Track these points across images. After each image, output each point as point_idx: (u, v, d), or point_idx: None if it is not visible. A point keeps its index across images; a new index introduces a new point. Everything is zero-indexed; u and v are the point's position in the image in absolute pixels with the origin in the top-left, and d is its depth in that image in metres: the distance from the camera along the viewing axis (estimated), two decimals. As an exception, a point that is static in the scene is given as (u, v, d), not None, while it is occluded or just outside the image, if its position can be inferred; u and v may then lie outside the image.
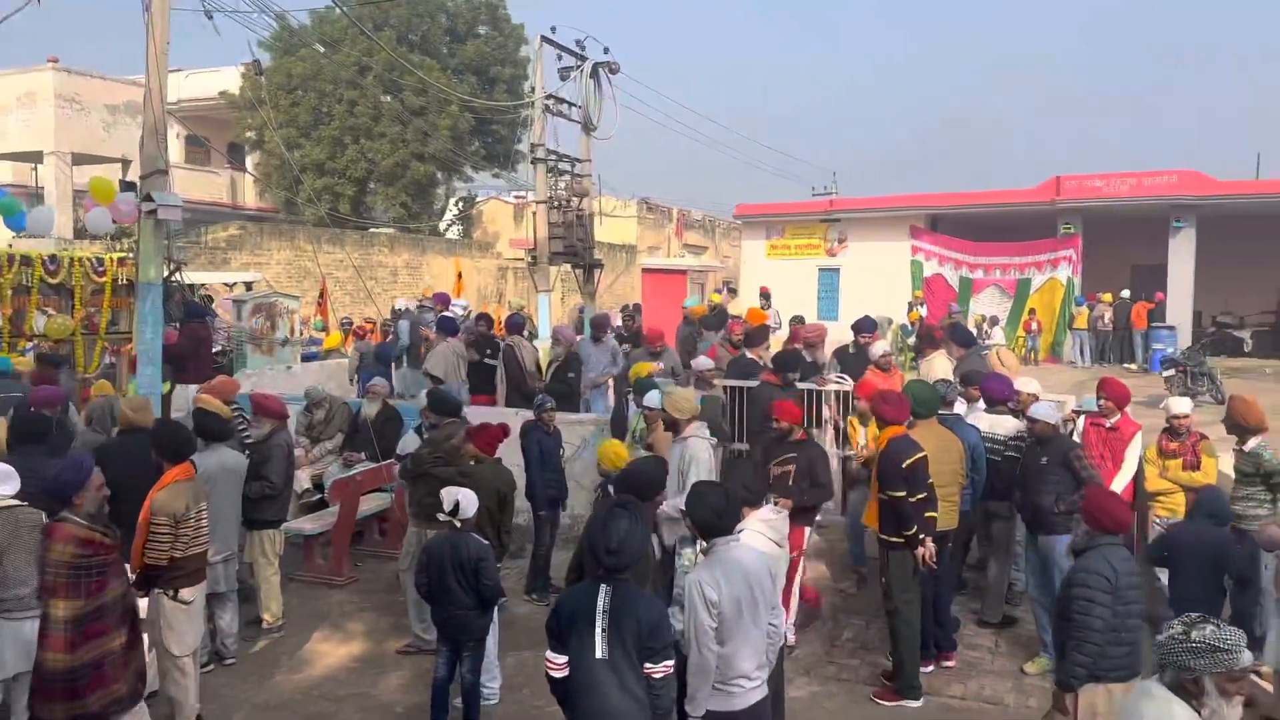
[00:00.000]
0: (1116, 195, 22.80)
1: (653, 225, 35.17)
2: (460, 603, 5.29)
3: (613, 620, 3.63)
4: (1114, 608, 4.30)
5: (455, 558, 5.26)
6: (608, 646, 3.62)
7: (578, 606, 3.71)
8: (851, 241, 26.72)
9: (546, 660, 3.73)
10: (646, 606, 3.75)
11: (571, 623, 3.68)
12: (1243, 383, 17.82)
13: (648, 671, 3.66)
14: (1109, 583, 4.30)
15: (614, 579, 3.71)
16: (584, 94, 19.84)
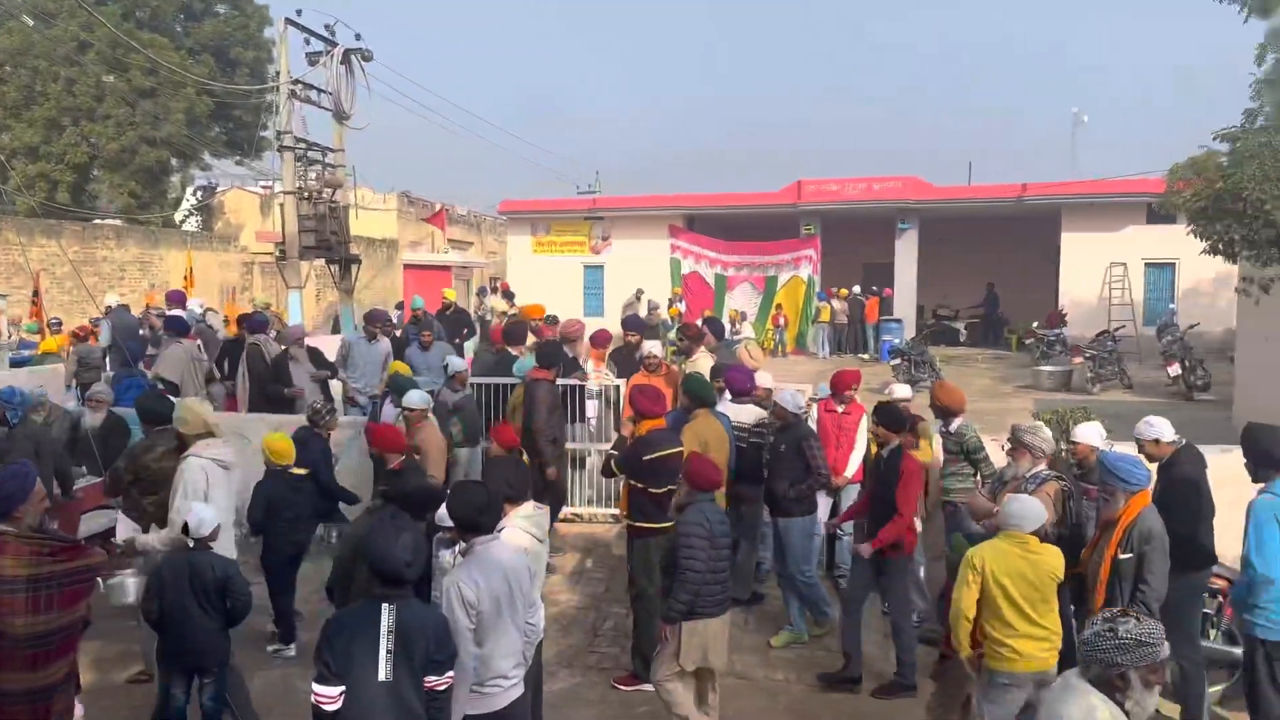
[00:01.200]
0: (850, 198, 24.71)
1: (414, 220, 34.22)
2: (203, 627, 4.88)
3: (400, 639, 3.45)
4: (710, 552, 5.02)
5: (196, 580, 4.85)
6: (393, 668, 3.44)
7: (357, 630, 3.48)
8: (615, 239, 27.29)
9: (315, 695, 3.43)
10: (434, 620, 3.62)
11: (349, 647, 3.44)
12: (958, 369, 19.88)
13: (430, 685, 3.53)
14: (706, 530, 5.04)
15: (394, 596, 3.52)
16: (335, 81, 18.95)
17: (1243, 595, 4.97)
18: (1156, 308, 22.05)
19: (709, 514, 5.16)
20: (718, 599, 5.15)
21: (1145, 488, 4.97)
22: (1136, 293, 22.53)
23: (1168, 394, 16.36)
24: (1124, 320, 21.23)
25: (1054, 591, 4.59)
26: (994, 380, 18.80)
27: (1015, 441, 5.87)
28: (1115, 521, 4.93)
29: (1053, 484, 5.59)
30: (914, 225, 24.64)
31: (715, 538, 5.09)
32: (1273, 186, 7.79)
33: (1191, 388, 16.16)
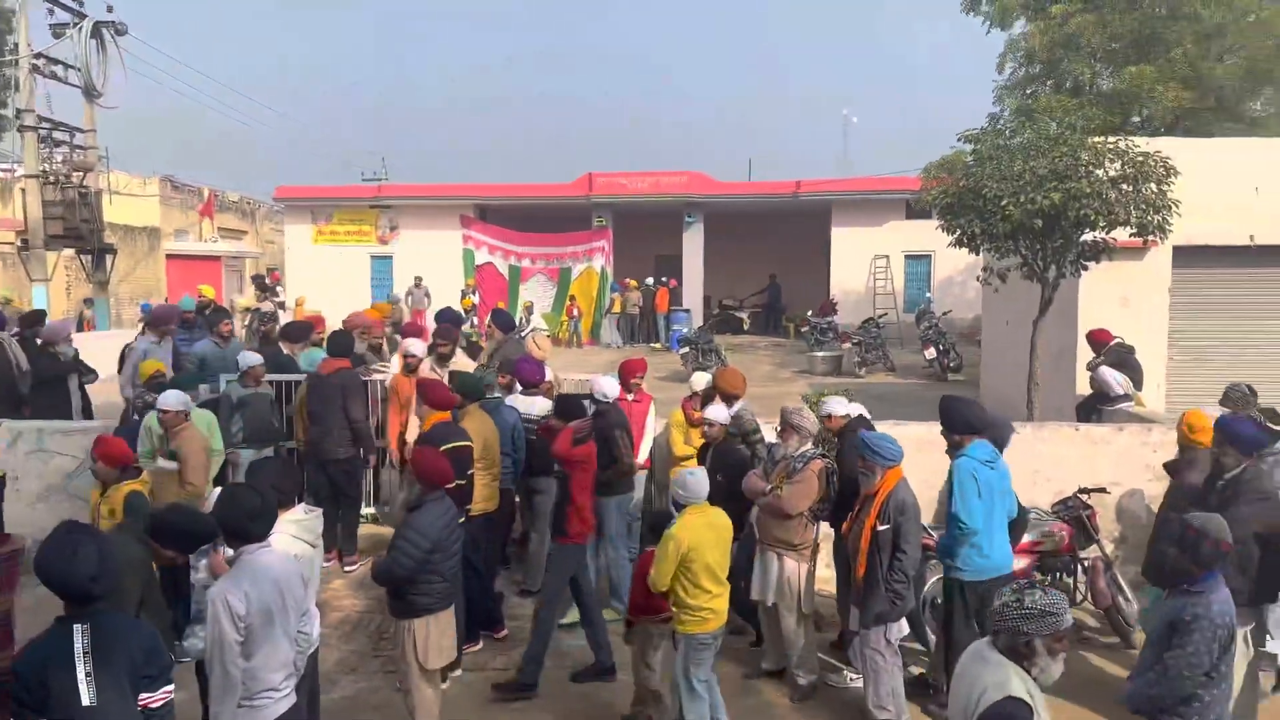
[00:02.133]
0: (639, 192, 25.25)
1: (180, 206, 31.79)
2: None
3: (99, 660, 3.16)
4: (433, 556, 4.79)
5: None
6: (97, 690, 3.13)
7: (48, 657, 3.14)
8: (403, 229, 26.53)
9: None
10: (137, 633, 3.32)
11: (43, 679, 3.11)
12: (742, 356, 20.79)
13: (144, 703, 3.24)
14: (429, 541, 4.77)
15: (87, 614, 3.20)
16: (84, 55, 17.33)
17: (947, 545, 5.51)
18: (915, 296, 23.94)
19: (439, 515, 4.89)
20: (444, 594, 4.95)
21: (899, 463, 5.39)
22: (898, 283, 24.37)
23: (925, 375, 17.84)
24: (887, 308, 22.93)
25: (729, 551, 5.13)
26: (774, 366, 19.80)
27: (784, 423, 6.21)
28: (874, 495, 5.33)
29: (817, 462, 5.96)
30: (699, 219, 25.51)
31: (444, 541, 4.85)
32: (1008, 185, 8.59)
33: (946, 369, 17.70)
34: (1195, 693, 3.86)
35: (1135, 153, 8.56)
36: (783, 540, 5.97)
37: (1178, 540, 3.99)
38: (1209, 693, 3.88)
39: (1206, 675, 3.85)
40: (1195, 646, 3.81)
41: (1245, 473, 5.37)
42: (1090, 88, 18.30)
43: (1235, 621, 3.93)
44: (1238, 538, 5.07)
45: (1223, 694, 3.96)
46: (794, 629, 6.04)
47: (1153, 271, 10.40)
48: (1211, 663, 3.83)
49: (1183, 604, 3.90)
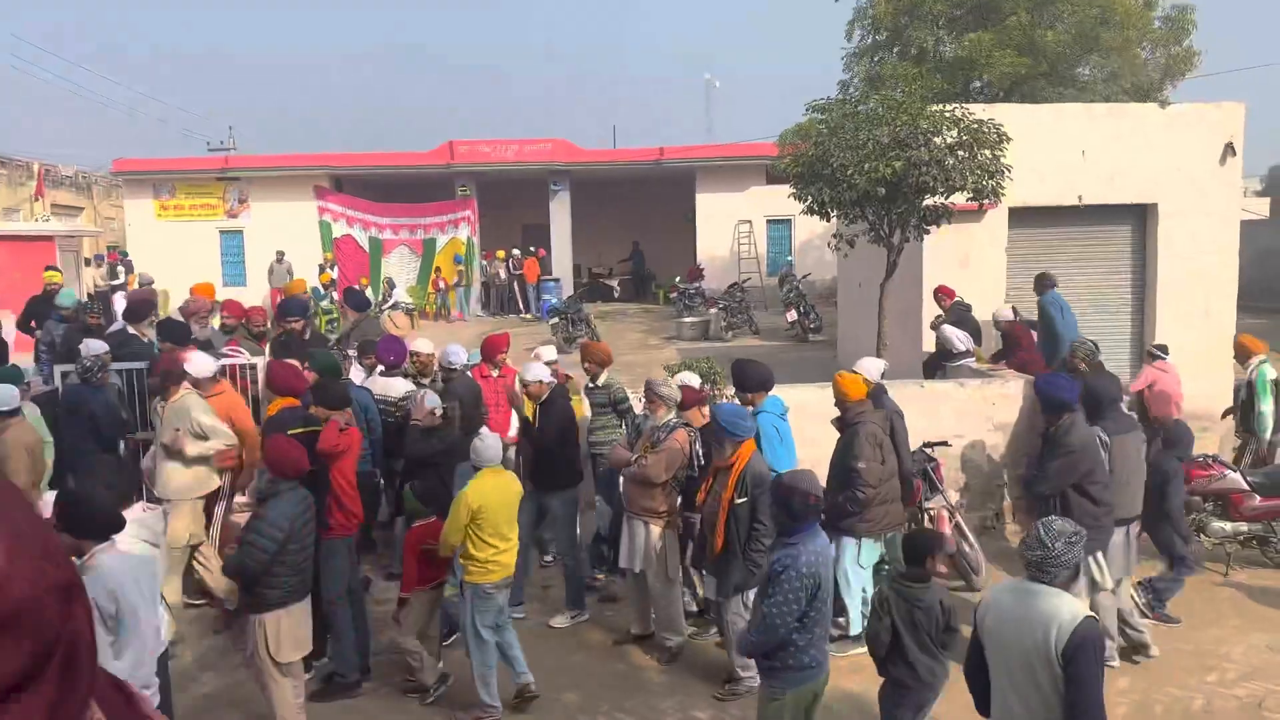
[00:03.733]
0: (503, 160, 24.86)
1: (8, 183, 29.44)
2: None
3: None
4: (287, 548, 4.78)
5: None
6: None
7: None
8: (254, 202, 25.33)
9: None
10: None
11: None
12: (613, 324, 20.92)
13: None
14: (284, 529, 4.77)
15: None
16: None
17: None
18: (778, 260, 24.54)
19: (292, 505, 4.88)
20: (296, 587, 4.94)
21: (750, 438, 5.56)
22: (760, 247, 24.91)
23: (788, 337, 18.38)
24: (751, 273, 23.43)
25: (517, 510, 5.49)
26: (643, 333, 20.00)
27: (650, 394, 6.32)
28: (728, 468, 5.48)
29: (680, 431, 6.11)
30: (565, 187, 25.35)
31: (294, 532, 4.83)
32: (854, 154, 8.89)
33: (807, 330, 18.27)
34: (791, 638, 4.09)
35: (970, 120, 8.98)
36: (648, 509, 6.10)
37: (774, 497, 4.32)
38: (803, 637, 4.11)
39: (799, 621, 4.06)
40: (784, 595, 4.02)
41: (1057, 430, 5.88)
42: (934, 54, 19.02)
43: (824, 571, 4.13)
44: (1056, 488, 5.64)
45: (816, 638, 4.18)
46: (661, 593, 6.20)
47: (990, 233, 10.99)
48: (800, 609, 4.04)
49: (778, 555, 4.16)
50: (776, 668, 4.18)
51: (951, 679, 4.29)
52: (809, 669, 4.17)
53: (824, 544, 4.25)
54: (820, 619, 4.18)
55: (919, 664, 4.24)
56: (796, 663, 4.14)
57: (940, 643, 4.30)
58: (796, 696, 4.19)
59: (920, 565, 4.35)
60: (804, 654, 4.14)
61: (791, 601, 4.02)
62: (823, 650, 4.27)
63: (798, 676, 4.16)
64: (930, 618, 4.24)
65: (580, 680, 5.87)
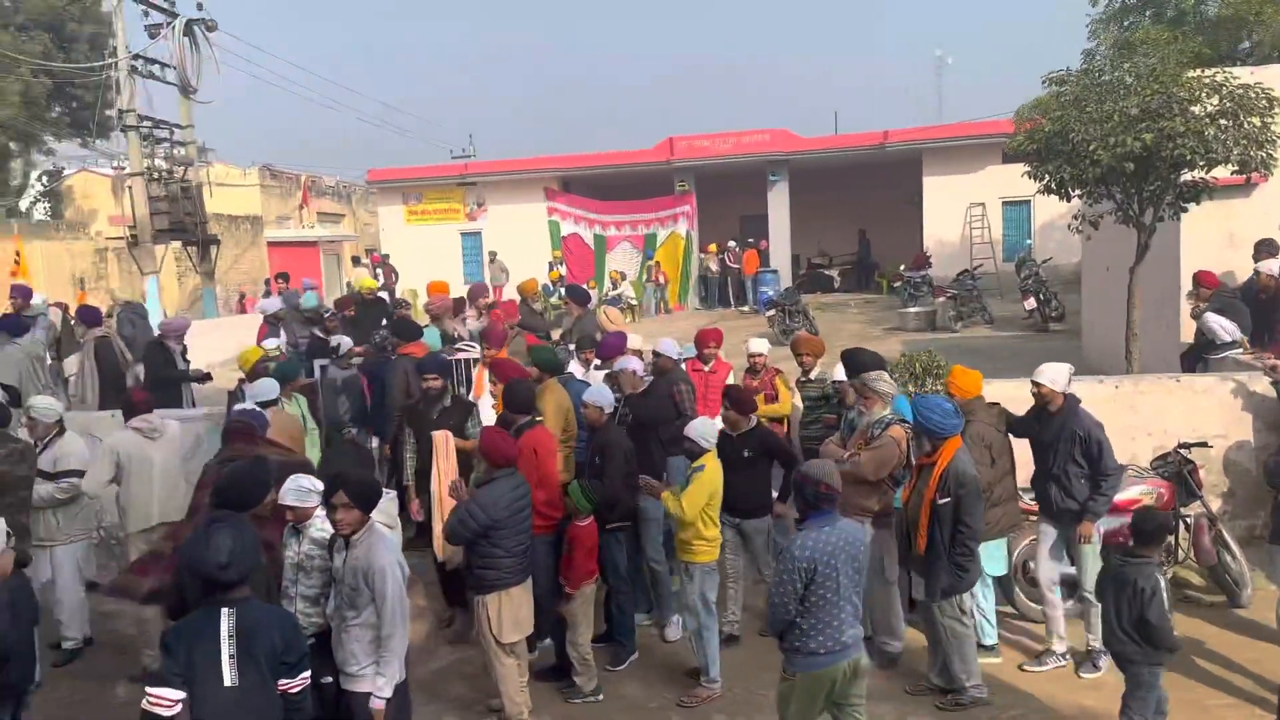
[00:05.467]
0: (720, 153, 24.93)
1: (280, 194, 32.96)
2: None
3: (243, 643, 3.38)
4: (492, 532, 4.98)
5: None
6: (239, 672, 3.37)
7: (196, 637, 3.38)
8: (490, 205, 26.89)
9: (152, 697, 3.33)
10: (279, 622, 3.55)
11: (191, 653, 3.35)
12: (832, 315, 20.46)
13: (284, 688, 3.47)
14: (489, 514, 4.96)
15: (233, 600, 3.41)
16: (178, 53, 18.04)
17: None
18: (1014, 245, 23.07)
19: (504, 492, 5.05)
20: (514, 570, 5.11)
21: (953, 435, 5.24)
22: (995, 231, 23.51)
23: (1025, 327, 17.23)
24: (984, 258, 22.16)
25: None
26: (865, 324, 19.41)
27: (865, 389, 6.09)
28: (931, 465, 5.20)
29: (897, 427, 5.85)
30: (784, 176, 25.06)
31: (503, 518, 4.99)
32: (1097, 128, 8.17)
33: (1047, 319, 17.05)
34: (795, 620, 4.20)
35: (1234, 85, 8.01)
36: (862, 508, 5.89)
37: (792, 484, 4.50)
38: (806, 621, 4.19)
39: (801, 604, 4.16)
40: (779, 576, 4.22)
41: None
42: (1194, 15, 17.15)
43: (827, 557, 4.14)
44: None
45: (823, 624, 4.18)
46: (877, 597, 5.99)
47: (1260, 208, 9.76)
48: (796, 593, 4.14)
49: (789, 540, 4.37)
50: (786, 649, 4.33)
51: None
52: (817, 655, 4.21)
53: (835, 533, 4.24)
54: (825, 605, 4.18)
55: (1121, 647, 4.43)
56: (804, 646, 4.22)
57: (1141, 632, 4.32)
58: (806, 680, 4.25)
59: (1147, 544, 4.45)
60: (809, 639, 4.20)
61: (786, 583, 4.16)
62: (839, 640, 4.22)
63: (806, 661, 4.23)
64: (1137, 601, 4.27)
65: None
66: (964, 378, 6.03)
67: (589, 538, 5.62)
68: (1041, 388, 5.85)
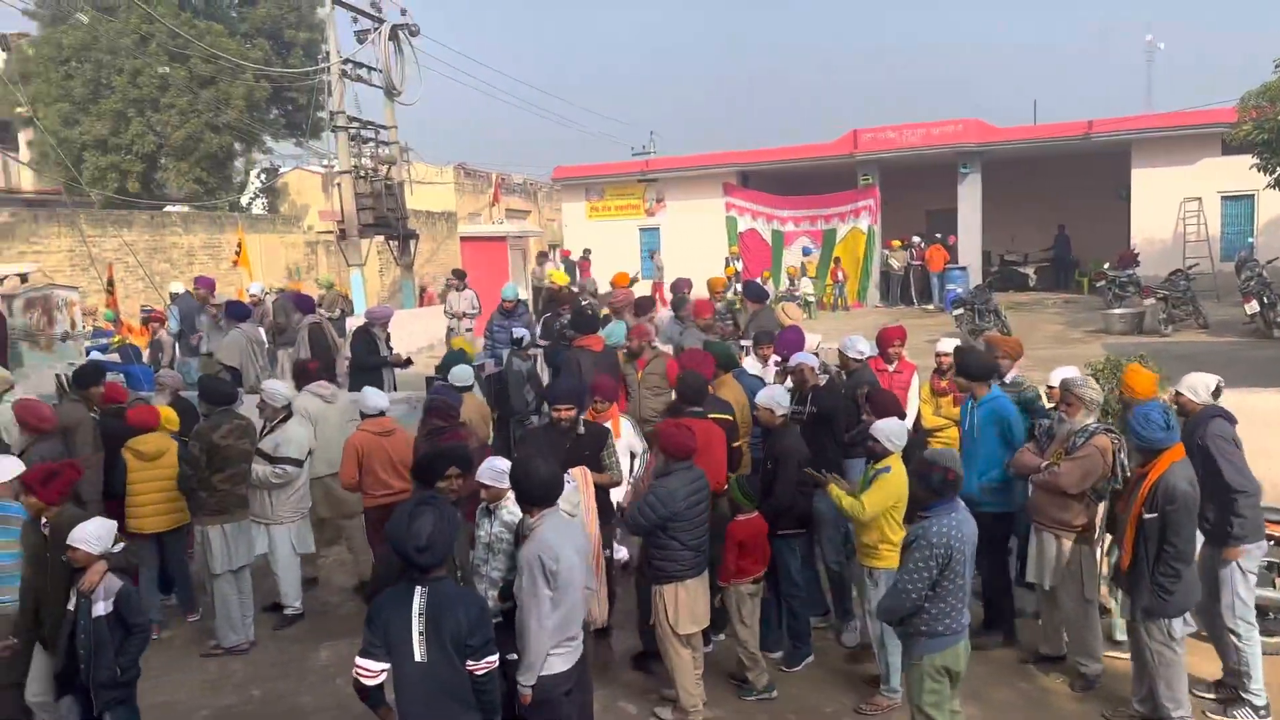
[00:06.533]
0: (908, 145, 24.09)
1: (472, 191, 34.51)
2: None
3: (431, 622, 3.53)
4: (671, 524, 5.04)
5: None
6: (427, 649, 3.53)
7: (393, 612, 3.58)
8: (669, 200, 27.14)
9: (357, 667, 3.58)
10: (466, 604, 3.65)
11: (387, 628, 3.56)
12: (1026, 315, 19.41)
13: (470, 668, 3.59)
14: (668, 507, 5.03)
15: (427, 579, 3.58)
16: (383, 57, 19.17)
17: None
18: (1235, 242, 21.14)
19: (683, 484, 5.10)
20: (691, 563, 5.18)
21: (1167, 447, 4.83)
22: (1213, 228, 21.63)
23: (1245, 332, 15.74)
24: (1199, 257, 20.42)
25: None
26: (1063, 325, 18.30)
27: (1067, 395, 5.73)
28: (1141, 477, 4.83)
29: (1103, 437, 5.47)
30: (976, 169, 23.96)
31: (682, 510, 5.06)
32: (1345, 113, 7.35)
33: (1271, 325, 15.50)
34: (922, 605, 4.32)
35: None
36: (1060, 521, 5.56)
37: (914, 472, 4.52)
38: (935, 606, 4.33)
39: (931, 590, 4.29)
40: (915, 563, 4.28)
41: None
42: None
43: (958, 543, 4.25)
44: None
45: (949, 608, 4.35)
46: (1075, 615, 5.64)
47: None
48: (931, 578, 4.27)
49: (912, 529, 4.45)
50: (910, 633, 4.45)
51: None
52: (942, 636, 4.38)
53: (960, 519, 4.36)
54: (955, 589, 4.33)
55: None
56: (929, 629, 4.37)
57: None
58: (933, 660, 4.41)
59: None
60: (937, 621, 4.36)
61: (922, 570, 4.26)
62: (959, 620, 4.41)
63: (930, 644, 4.39)
64: None
65: (981, 693, 5.51)
66: (1136, 377, 5.61)
67: (746, 533, 5.55)
68: (1180, 396, 5.48)
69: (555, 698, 4.19)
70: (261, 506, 6.73)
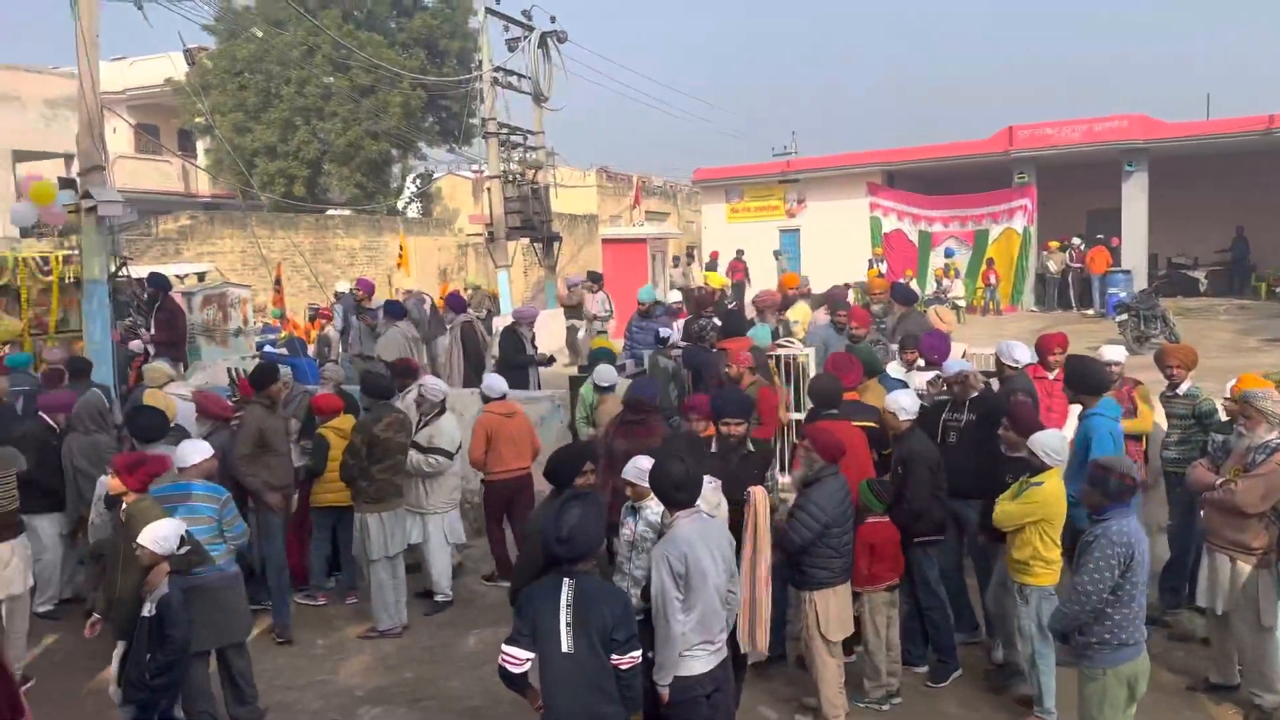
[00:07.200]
0: (1068, 142, 22.96)
1: (613, 194, 35.03)
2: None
3: (577, 615, 3.60)
4: (829, 531, 5.00)
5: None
6: (573, 641, 3.60)
7: (541, 601, 3.67)
8: (810, 201, 26.78)
9: (503, 654, 3.69)
10: (612, 599, 3.71)
11: (536, 617, 3.65)
12: (1197, 322, 18.19)
13: (615, 663, 3.64)
14: (827, 514, 5.00)
15: (575, 572, 3.65)
16: (532, 64, 19.69)
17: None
18: None
19: (834, 490, 5.07)
20: (842, 569, 5.16)
21: None
22: None
23: None
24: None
25: None
26: (1237, 334, 17.06)
27: (1247, 408, 5.35)
28: None
29: (1286, 454, 5.07)
30: (1142, 167, 22.60)
31: (837, 516, 5.05)
32: None
33: None
34: (1105, 610, 4.20)
35: None
36: (1236, 542, 5.21)
37: (1090, 477, 4.40)
38: (1119, 612, 4.21)
39: (1113, 594, 4.17)
40: (1095, 563, 4.17)
41: None
42: None
43: (1139, 543, 4.19)
44: None
45: (1133, 615, 4.24)
46: (1250, 642, 5.25)
47: None
48: (1114, 579, 4.15)
49: (1091, 529, 4.33)
50: (1093, 643, 4.29)
51: None
52: (1126, 646, 4.27)
53: (1136, 523, 4.32)
54: (1136, 595, 4.23)
55: None
56: (1113, 638, 4.24)
57: None
58: (1117, 675, 4.27)
59: None
60: (1121, 630, 4.23)
61: (1104, 569, 4.15)
62: (1141, 630, 4.31)
63: (1115, 655, 4.26)
64: None
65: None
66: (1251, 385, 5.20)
67: (876, 537, 5.40)
68: None
69: (694, 699, 4.17)
70: (416, 496, 7.05)
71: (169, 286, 10.90)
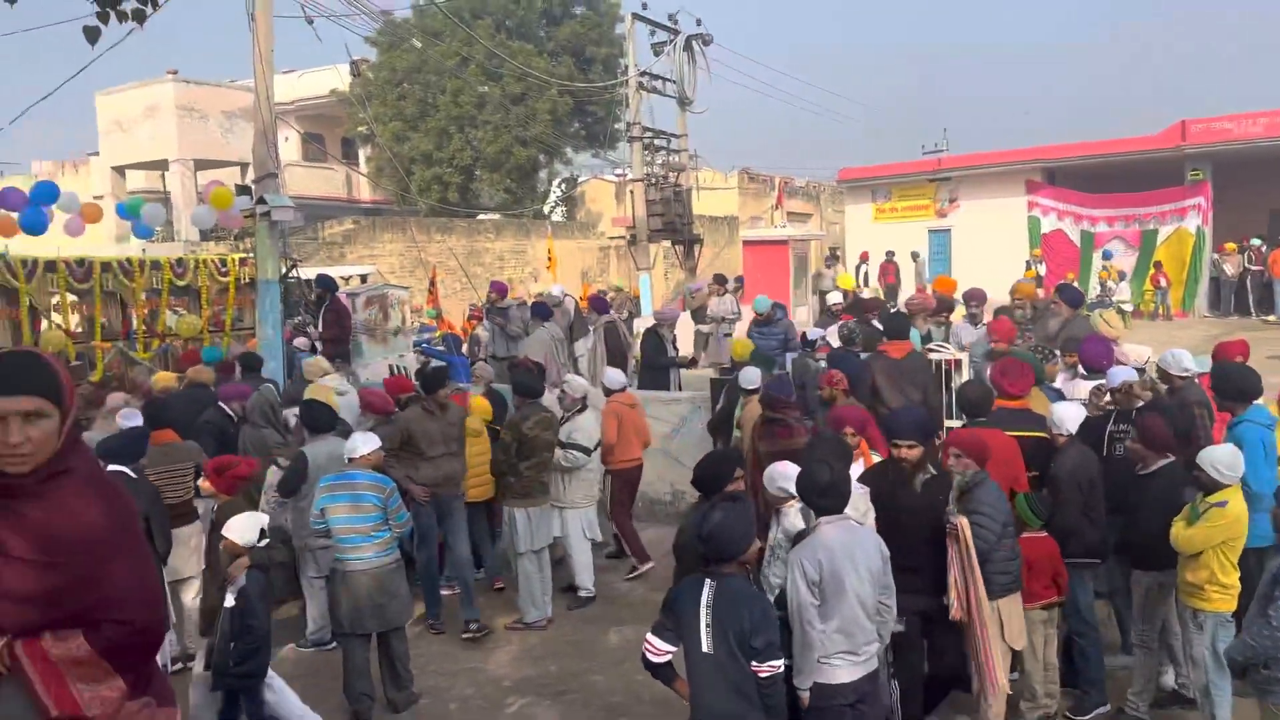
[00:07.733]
0: (1248, 136, 21.30)
1: (755, 195, 34.82)
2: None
3: (715, 616, 3.61)
4: (1006, 530, 4.90)
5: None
6: (712, 642, 3.62)
7: (685, 599, 3.72)
8: (963, 200, 25.84)
9: (646, 643, 3.78)
10: (751, 604, 3.67)
11: (679, 615, 3.70)
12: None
13: (755, 670, 3.62)
14: (1004, 514, 4.92)
15: (718, 573, 3.67)
16: (677, 68, 19.83)
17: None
18: None
19: (997, 488, 4.97)
20: (1018, 575, 5.02)
21: None
22: None
23: None
24: None
25: None
26: None
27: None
28: None
29: None
30: (1334, 161, 20.76)
31: (1009, 515, 4.97)
32: None
33: None
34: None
35: None
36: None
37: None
38: None
39: None
40: (1274, 587, 3.88)
41: None
42: None
43: None
44: None
45: None
46: None
47: None
48: None
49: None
50: (1277, 678, 4.01)
51: None
52: None
53: None
54: None
55: None
56: None
57: None
58: None
59: None
60: None
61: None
62: None
63: None
64: None
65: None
66: None
67: (1033, 553, 5.14)
68: None
69: (835, 707, 4.08)
70: (555, 490, 7.22)
71: (336, 287, 11.52)
